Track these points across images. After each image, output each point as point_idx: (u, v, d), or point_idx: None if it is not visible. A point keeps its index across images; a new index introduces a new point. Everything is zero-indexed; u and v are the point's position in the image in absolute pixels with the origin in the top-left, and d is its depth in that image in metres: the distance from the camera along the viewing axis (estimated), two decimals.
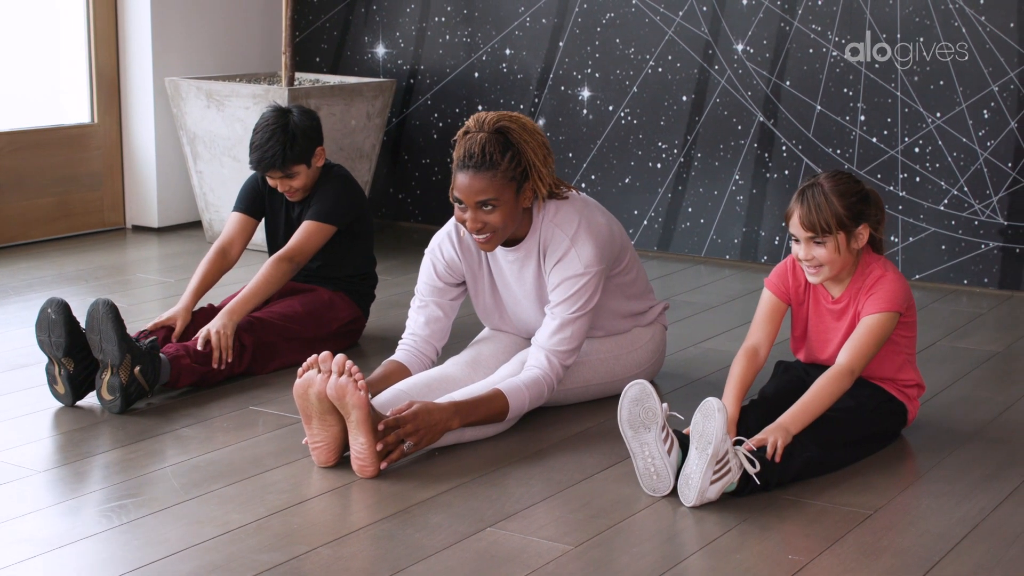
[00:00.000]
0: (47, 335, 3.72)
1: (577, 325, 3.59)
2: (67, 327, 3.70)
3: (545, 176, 3.57)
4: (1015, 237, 5.12)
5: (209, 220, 5.97)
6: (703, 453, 3.05)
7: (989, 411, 3.82)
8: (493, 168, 3.48)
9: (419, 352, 3.71)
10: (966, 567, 2.81)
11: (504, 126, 3.52)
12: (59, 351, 3.71)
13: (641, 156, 5.79)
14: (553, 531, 2.97)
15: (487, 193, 3.48)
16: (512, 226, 3.57)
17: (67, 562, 2.80)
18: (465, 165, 3.49)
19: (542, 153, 3.57)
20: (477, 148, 3.48)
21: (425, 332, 3.72)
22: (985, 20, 5.05)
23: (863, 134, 5.33)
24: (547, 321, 3.61)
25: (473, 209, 3.50)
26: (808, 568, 2.80)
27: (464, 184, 3.49)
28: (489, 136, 3.50)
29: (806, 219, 3.36)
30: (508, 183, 3.50)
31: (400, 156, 6.40)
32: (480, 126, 3.52)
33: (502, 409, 3.48)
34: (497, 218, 3.51)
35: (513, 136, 3.52)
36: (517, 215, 3.57)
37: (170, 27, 6.12)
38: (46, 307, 3.73)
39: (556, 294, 3.61)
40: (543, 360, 3.57)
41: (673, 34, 5.64)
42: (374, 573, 2.76)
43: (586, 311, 3.60)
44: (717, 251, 5.71)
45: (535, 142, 3.55)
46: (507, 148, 3.50)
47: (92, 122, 6.14)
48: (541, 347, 3.58)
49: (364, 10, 6.39)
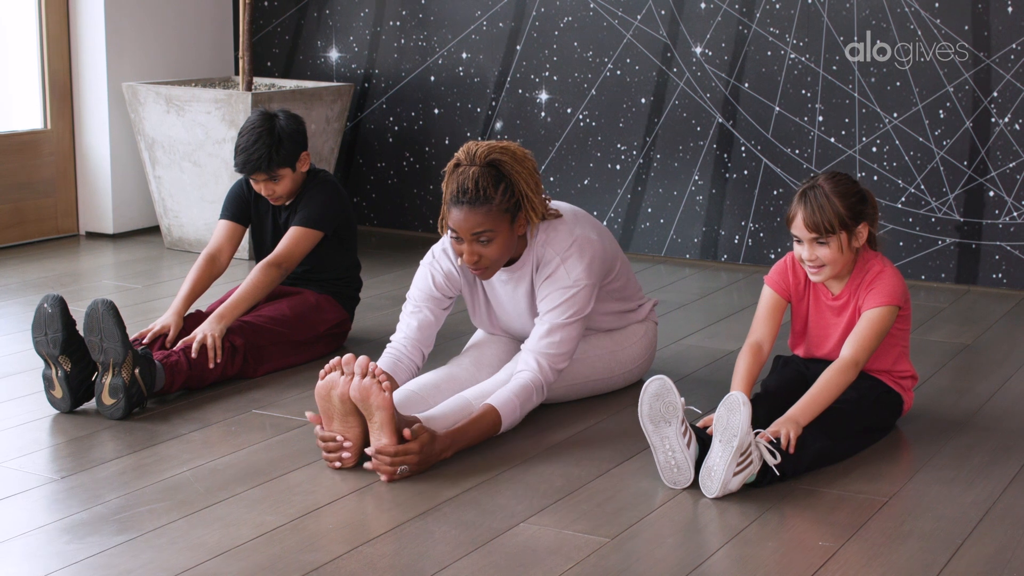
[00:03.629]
0: (44, 333, 3.70)
1: (567, 331, 3.63)
2: (63, 321, 3.69)
3: (537, 205, 3.61)
4: (971, 233, 5.29)
5: (168, 225, 5.94)
6: (727, 446, 3.13)
7: (973, 401, 3.95)
8: (488, 202, 3.50)
9: (406, 358, 3.69)
10: (989, 548, 2.92)
11: (496, 159, 3.53)
12: (56, 348, 3.69)
13: (600, 158, 5.87)
14: (586, 524, 3.03)
15: (483, 226, 3.51)
16: (507, 255, 3.60)
17: (109, 570, 2.80)
18: (459, 200, 3.51)
19: (533, 181, 3.60)
20: (471, 183, 3.49)
21: (417, 336, 3.72)
22: (940, 23, 5.21)
23: (821, 134, 5.46)
24: (537, 326, 3.64)
25: (469, 242, 3.53)
26: (840, 553, 2.89)
27: (459, 219, 3.52)
28: (481, 170, 3.51)
29: (810, 220, 3.46)
30: (503, 215, 3.53)
31: (355, 160, 6.42)
32: (471, 159, 3.53)
33: (495, 424, 3.50)
34: (493, 250, 3.55)
35: (505, 168, 3.54)
36: (512, 244, 3.60)
37: (123, 32, 6.08)
38: (42, 303, 3.71)
39: (545, 303, 3.65)
40: (532, 363, 3.60)
41: (631, 37, 5.73)
42: (421, 570, 2.80)
43: (576, 319, 3.64)
44: (677, 251, 5.81)
45: (526, 171, 3.58)
46: (500, 180, 3.52)
47: (45, 128, 6.07)
48: (530, 350, 3.62)
49: (316, 14, 6.40)
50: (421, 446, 3.28)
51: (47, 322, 3.70)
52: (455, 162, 3.55)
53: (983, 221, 5.26)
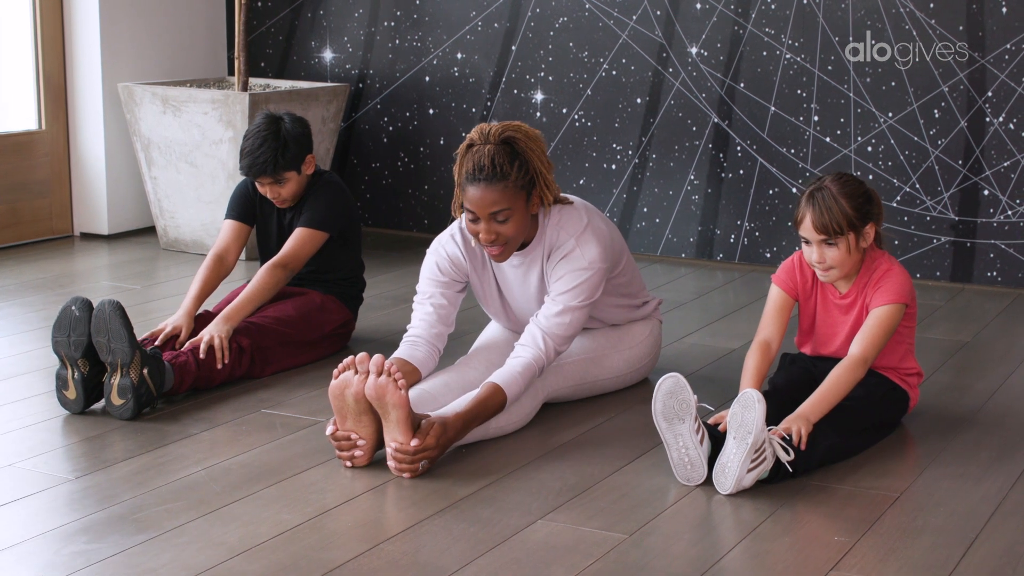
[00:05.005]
0: (67, 334, 3.71)
1: (577, 314, 3.66)
2: (89, 326, 3.69)
3: (551, 183, 3.65)
4: (965, 232, 5.34)
5: (164, 226, 5.94)
6: (742, 442, 3.16)
7: (976, 398, 3.99)
8: (504, 179, 3.54)
9: (425, 343, 3.68)
10: (1002, 543, 2.96)
11: (510, 136, 3.58)
12: (78, 351, 3.69)
13: (596, 157, 5.90)
14: (602, 521, 3.06)
15: (500, 204, 3.54)
16: (523, 234, 3.64)
17: (131, 570, 2.81)
18: (476, 178, 3.54)
19: (545, 159, 3.65)
20: (487, 160, 3.53)
21: (434, 318, 3.71)
22: (935, 23, 5.25)
23: (817, 134, 5.50)
24: (549, 304, 3.65)
25: (487, 221, 3.56)
26: (856, 548, 2.92)
27: (476, 197, 3.55)
28: (496, 147, 3.55)
29: (819, 222, 3.49)
30: (519, 192, 3.57)
31: (349, 160, 6.43)
32: (485, 138, 3.58)
33: (501, 403, 3.52)
34: (510, 228, 3.57)
35: (519, 145, 3.58)
36: (527, 223, 3.64)
37: (118, 33, 6.08)
38: (69, 305, 3.72)
39: (559, 284, 3.66)
40: (539, 341, 3.61)
41: (627, 38, 5.76)
42: (443, 567, 2.82)
43: (587, 304, 3.67)
44: (673, 250, 5.84)
45: (539, 149, 3.62)
46: (515, 158, 3.56)
47: (40, 129, 6.06)
48: (539, 326, 3.62)
49: (311, 15, 6.41)
50: (437, 439, 3.31)
51: (72, 324, 3.71)
52: (468, 143, 3.58)
53: (978, 220, 5.30)
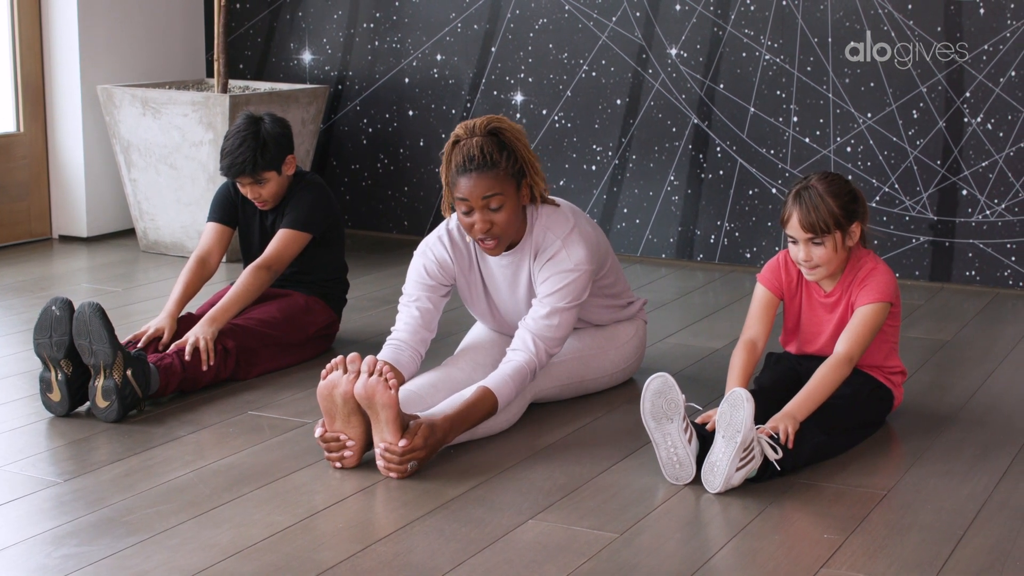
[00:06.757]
0: (48, 336, 3.69)
1: (565, 316, 3.67)
2: (71, 326, 3.68)
3: (539, 172, 3.69)
4: (944, 231, 5.38)
5: (144, 228, 5.92)
6: (731, 441, 3.18)
7: (959, 396, 4.02)
8: (495, 167, 3.57)
9: (409, 347, 3.69)
10: (990, 539, 2.98)
11: (496, 127, 3.61)
12: (60, 351, 3.68)
13: (576, 158, 5.91)
14: (592, 521, 3.07)
15: (493, 189, 3.57)
16: (515, 225, 3.65)
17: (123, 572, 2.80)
18: (467, 168, 3.57)
19: (531, 152, 3.68)
20: (476, 151, 3.57)
21: (418, 323, 3.72)
22: (913, 24, 5.29)
23: (796, 135, 5.53)
24: (537, 307, 3.68)
25: (480, 210, 3.58)
26: (846, 545, 2.94)
27: (469, 186, 3.57)
28: (484, 139, 3.59)
29: (805, 221, 3.51)
30: (510, 179, 3.60)
31: (329, 162, 6.43)
32: (471, 132, 3.60)
33: (492, 407, 3.54)
34: (504, 216, 3.59)
35: (505, 136, 3.62)
36: (520, 214, 3.66)
37: (97, 35, 6.06)
38: (50, 306, 3.71)
39: (546, 286, 3.68)
40: (530, 344, 3.62)
41: (607, 39, 5.77)
42: (436, 567, 2.82)
43: (575, 305, 3.69)
44: (653, 250, 5.86)
45: (523, 143, 3.66)
46: (503, 147, 3.60)
47: (17, 131, 6.04)
48: (529, 330, 3.64)
49: (289, 16, 6.40)
50: (425, 440, 3.31)
51: (54, 325, 3.70)
52: (454, 139, 3.62)
53: (956, 219, 5.34)
